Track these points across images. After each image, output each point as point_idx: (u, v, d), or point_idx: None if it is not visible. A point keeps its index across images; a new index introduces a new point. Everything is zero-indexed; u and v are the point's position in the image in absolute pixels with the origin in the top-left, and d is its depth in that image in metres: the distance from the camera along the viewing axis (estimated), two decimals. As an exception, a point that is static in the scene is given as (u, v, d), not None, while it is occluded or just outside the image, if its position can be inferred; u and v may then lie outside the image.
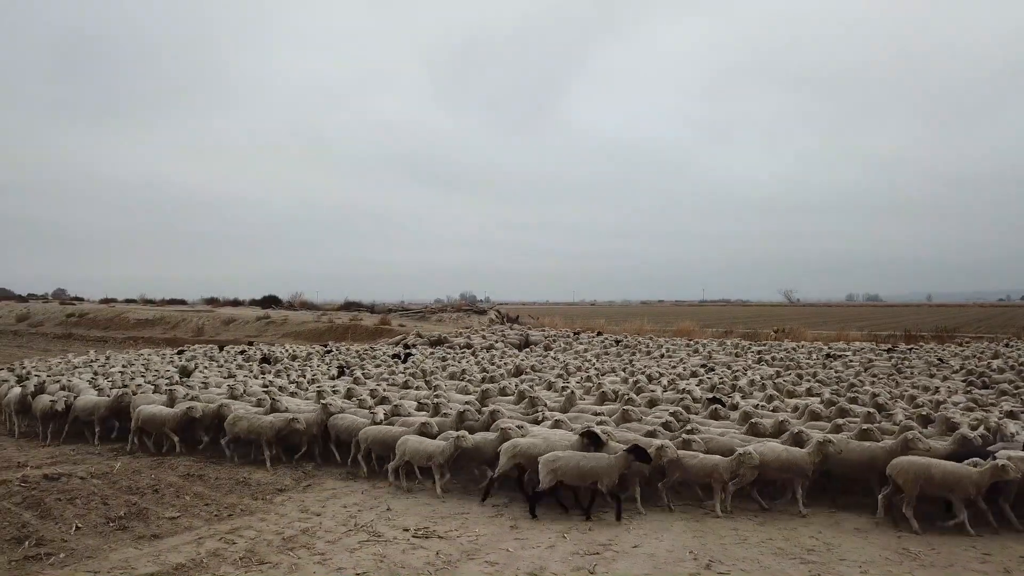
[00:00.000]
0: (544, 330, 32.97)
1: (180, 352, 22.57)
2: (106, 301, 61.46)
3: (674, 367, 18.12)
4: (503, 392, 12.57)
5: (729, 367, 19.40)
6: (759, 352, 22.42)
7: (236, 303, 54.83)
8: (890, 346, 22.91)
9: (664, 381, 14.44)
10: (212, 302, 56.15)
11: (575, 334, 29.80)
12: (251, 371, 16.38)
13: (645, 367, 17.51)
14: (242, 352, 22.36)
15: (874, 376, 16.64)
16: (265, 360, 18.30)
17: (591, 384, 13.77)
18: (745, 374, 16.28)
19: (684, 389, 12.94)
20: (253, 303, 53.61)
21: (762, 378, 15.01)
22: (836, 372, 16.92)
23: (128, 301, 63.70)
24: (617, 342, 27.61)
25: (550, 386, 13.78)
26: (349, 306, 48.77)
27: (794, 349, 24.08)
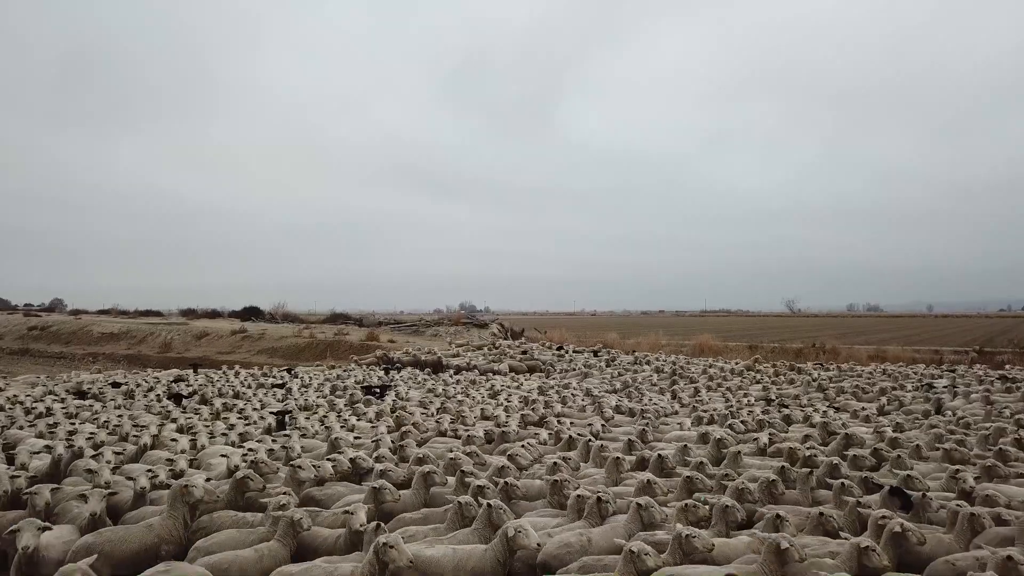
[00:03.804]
0: (552, 346, 28.53)
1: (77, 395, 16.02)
2: (75, 313, 56.90)
3: (741, 405, 13.70)
4: (514, 461, 7.97)
5: (804, 403, 15.02)
6: (831, 380, 18.00)
7: (214, 314, 50.33)
8: (1002, 373, 18.49)
9: (763, 439, 9.59)
10: (188, 313, 51.62)
11: (594, 353, 25.33)
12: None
13: (710, 408, 12.99)
14: (176, 381, 17.46)
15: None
16: (176, 397, 13.47)
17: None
18: (854, 418, 11.89)
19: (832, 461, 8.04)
20: (232, 315, 49.13)
21: (881, 428, 10.57)
22: (968, 413, 12.51)
23: (101, 312, 59.14)
24: (636, 360, 23.30)
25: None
26: (335, 318, 44.36)
27: (860, 374, 19.67)
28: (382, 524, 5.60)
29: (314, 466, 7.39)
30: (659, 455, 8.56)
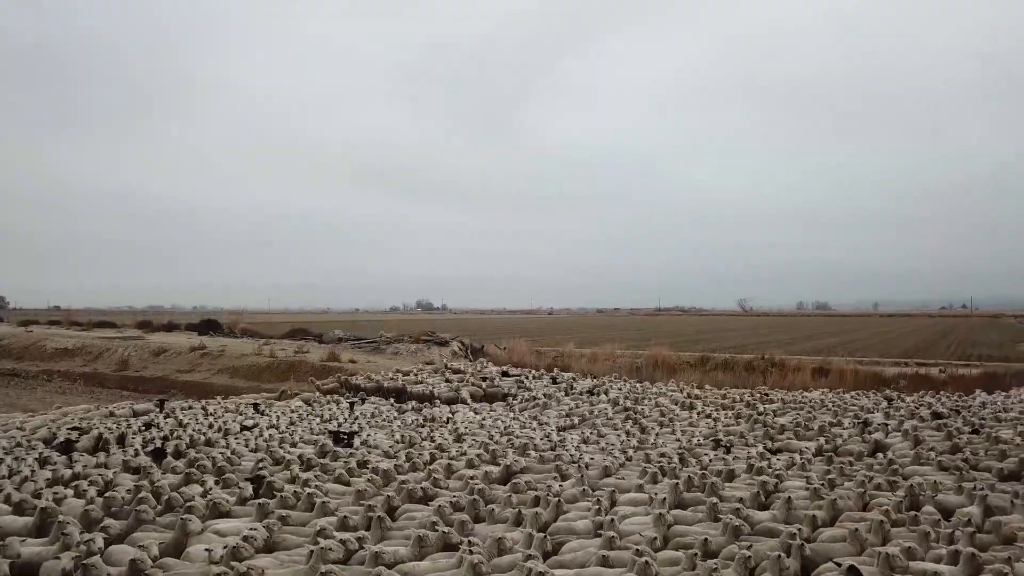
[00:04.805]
0: (513, 371, 29.26)
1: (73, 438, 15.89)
2: (25, 323, 55.80)
3: (691, 447, 14.71)
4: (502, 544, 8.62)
5: (749, 442, 16.23)
6: (775, 413, 19.18)
7: (171, 327, 49.90)
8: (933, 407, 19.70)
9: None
10: (144, 325, 51.03)
11: (553, 379, 26.15)
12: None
13: (661, 451, 13.95)
14: (146, 427, 17.34)
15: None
16: (157, 452, 13.59)
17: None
18: (791, 466, 12.90)
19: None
20: (190, 327, 48.80)
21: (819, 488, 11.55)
22: (899, 455, 13.61)
23: (52, 323, 58.10)
24: (594, 390, 24.22)
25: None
26: (295, 333, 44.43)
27: (802, 407, 20.85)
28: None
29: (329, 549, 7.96)
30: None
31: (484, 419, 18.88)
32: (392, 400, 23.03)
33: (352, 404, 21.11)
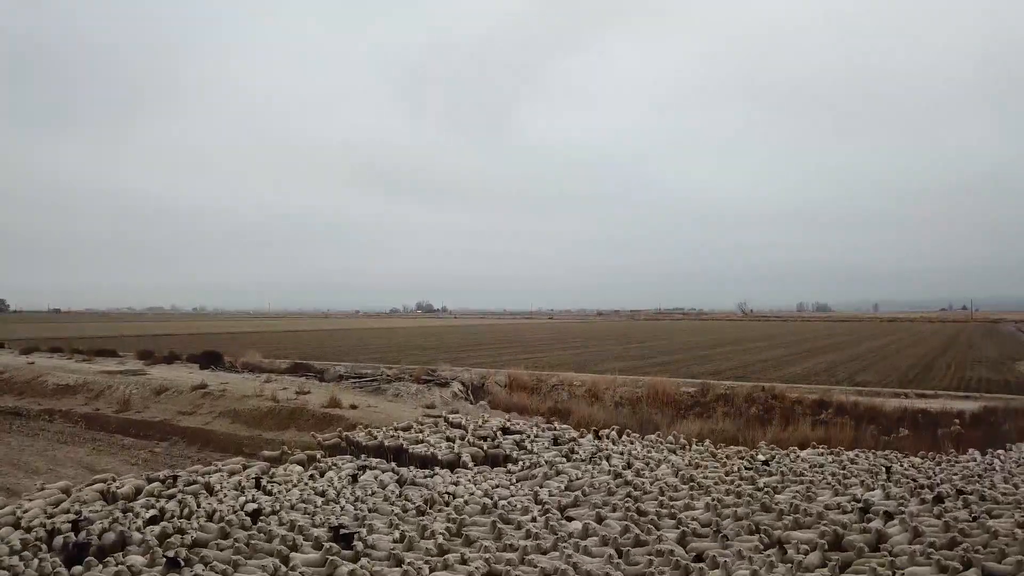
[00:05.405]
0: (514, 426, 29.33)
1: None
2: (27, 351, 55.89)
3: (692, 534, 14.77)
4: None
5: (751, 529, 16.34)
6: (774, 489, 19.22)
7: (172, 358, 49.95)
8: (928, 485, 19.64)
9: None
10: (146, 356, 51.09)
11: (554, 440, 26.15)
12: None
13: (663, 555, 14.03)
14: (150, 522, 17.21)
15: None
16: (171, 564, 13.10)
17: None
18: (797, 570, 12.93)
19: None
20: (191, 359, 48.89)
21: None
22: (899, 551, 13.66)
23: (53, 349, 58.14)
24: (595, 456, 24.28)
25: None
26: (296, 368, 44.50)
27: (801, 478, 20.99)
28: None
29: None
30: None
31: (485, 496, 18.95)
32: (393, 464, 23.09)
33: (355, 476, 21.16)
